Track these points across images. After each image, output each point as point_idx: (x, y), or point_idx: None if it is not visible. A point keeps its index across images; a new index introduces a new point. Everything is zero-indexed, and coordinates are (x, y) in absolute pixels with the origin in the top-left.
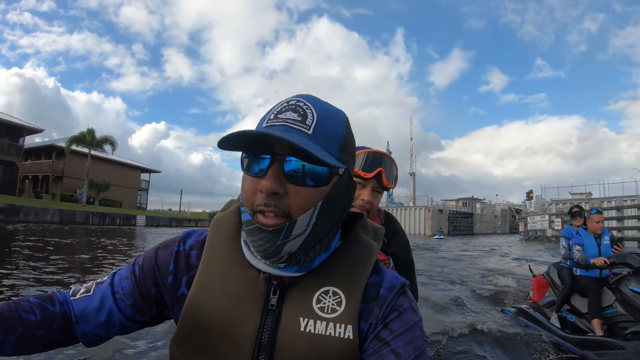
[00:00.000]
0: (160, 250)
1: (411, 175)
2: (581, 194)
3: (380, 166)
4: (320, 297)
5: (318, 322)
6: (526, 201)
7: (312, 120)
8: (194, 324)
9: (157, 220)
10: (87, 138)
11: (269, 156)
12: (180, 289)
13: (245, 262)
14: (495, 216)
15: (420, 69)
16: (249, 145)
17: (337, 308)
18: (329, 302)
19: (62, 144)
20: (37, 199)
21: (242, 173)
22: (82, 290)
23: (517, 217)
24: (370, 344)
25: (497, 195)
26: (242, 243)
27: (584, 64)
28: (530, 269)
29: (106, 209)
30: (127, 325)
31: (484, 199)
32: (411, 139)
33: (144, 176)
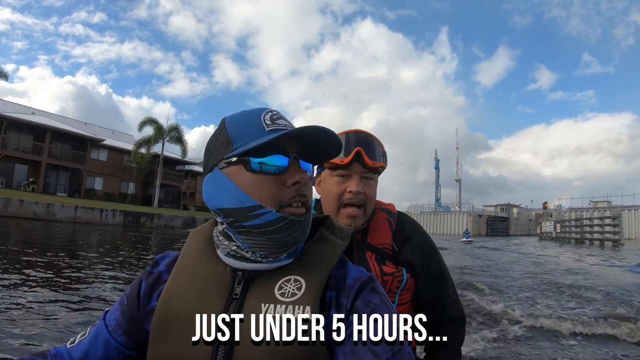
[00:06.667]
0: (141, 277)
1: (457, 181)
2: (601, 201)
3: (358, 146)
4: (282, 284)
5: (278, 305)
6: (543, 210)
7: None
8: (164, 313)
9: None
10: None
11: (283, 156)
12: (150, 303)
13: (214, 259)
14: (530, 220)
15: (465, 68)
16: (262, 148)
17: (297, 292)
18: (289, 288)
19: (195, 168)
20: (185, 210)
21: None
22: (78, 336)
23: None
24: (347, 343)
25: (532, 201)
26: (218, 250)
27: (632, 58)
28: None
29: None
30: (127, 355)
31: (520, 204)
32: (457, 148)
33: None
